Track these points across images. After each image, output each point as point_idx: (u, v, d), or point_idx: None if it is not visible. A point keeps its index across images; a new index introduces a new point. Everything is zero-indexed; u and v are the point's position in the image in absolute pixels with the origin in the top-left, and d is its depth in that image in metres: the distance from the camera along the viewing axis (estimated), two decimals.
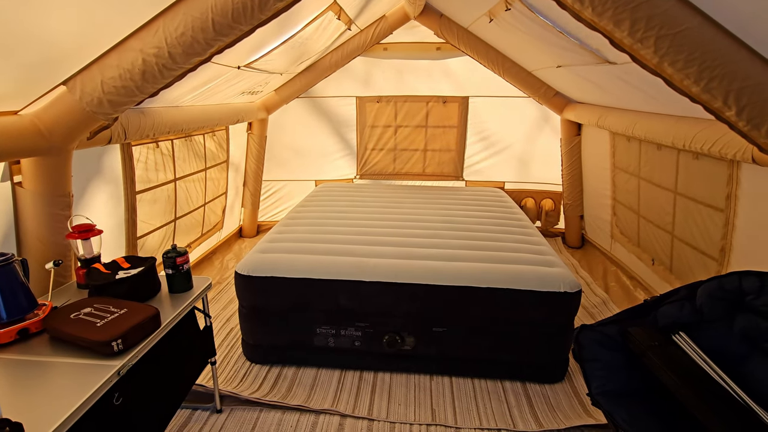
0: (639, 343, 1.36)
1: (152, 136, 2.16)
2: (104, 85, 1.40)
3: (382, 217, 2.86)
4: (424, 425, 1.77)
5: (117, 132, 1.82)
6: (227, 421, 1.80)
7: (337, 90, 4.01)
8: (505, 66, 3.45)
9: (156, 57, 1.34)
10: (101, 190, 2.10)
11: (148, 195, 2.45)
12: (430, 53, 3.83)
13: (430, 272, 1.99)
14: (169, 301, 1.60)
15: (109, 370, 1.19)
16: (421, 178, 4.22)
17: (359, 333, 2.06)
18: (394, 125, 4.10)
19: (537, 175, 4.10)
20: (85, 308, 1.39)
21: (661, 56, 1.38)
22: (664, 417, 1.26)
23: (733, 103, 1.38)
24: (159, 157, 2.53)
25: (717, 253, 2.12)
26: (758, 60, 1.34)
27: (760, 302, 1.31)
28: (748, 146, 1.63)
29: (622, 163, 3.08)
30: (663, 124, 2.27)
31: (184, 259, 1.63)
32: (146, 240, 2.47)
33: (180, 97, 2.33)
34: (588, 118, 3.19)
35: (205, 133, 3.08)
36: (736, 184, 1.97)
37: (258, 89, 3.24)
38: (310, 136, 4.15)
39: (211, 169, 3.25)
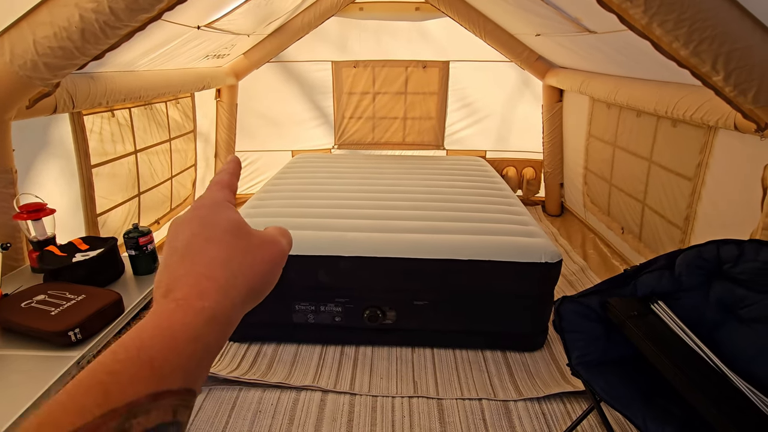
0: (618, 314, 1.36)
1: (106, 104, 1.97)
2: (37, 46, 1.23)
3: (361, 188, 2.77)
4: (406, 398, 1.78)
5: (62, 100, 1.64)
6: (205, 401, 1.76)
7: (311, 54, 3.78)
8: (486, 28, 3.31)
9: (95, 13, 1.17)
10: (51, 165, 1.92)
11: (106, 169, 2.27)
12: (408, 14, 3.62)
13: (411, 245, 1.95)
14: (134, 283, 1.50)
15: (67, 362, 1.11)
16: (401, 147, 4.11)
17: (339, 309, 2.03)
18: (372, 92, 3.93)
19: (518, 143, 4.05)
20: (38, 295, 1.28)
21: (651, 15, 1.30)
22: (641, 385, 1.28)
23: (721, 68, 1.33)
24: (116, 127, 2.34)
25: (681, 221, 2.15)
26: (749, 21, 1.28)
27: (737, 270, 1.32)
28: (731, 113, 1.60)
29: (597, 132, 3.05)
30: (646, 90, 2.23)
31: (147, 239, 1.52)
32: (108, 217, 2.31)
33: (134, 61, 2.12)
34: (570, 83, 3.12)
35: (167, 100, 2.86)
36: (709, 153, 1.97)
37: (224, 52, 3.01)
38: (284, 103, 3.95)
39: (177, 140, 3.05)
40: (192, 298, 0.26)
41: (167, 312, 0.26)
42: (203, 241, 0.29)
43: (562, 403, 1.75)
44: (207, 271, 0.28)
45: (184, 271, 0.28)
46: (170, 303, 0.26)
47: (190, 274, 0.27)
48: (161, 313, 0.26)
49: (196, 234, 0.29)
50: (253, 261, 0.30)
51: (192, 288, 0.27)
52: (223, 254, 0.29)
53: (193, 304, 0.26)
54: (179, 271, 0.28)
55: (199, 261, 0.28)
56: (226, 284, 0.28)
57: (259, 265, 0.30)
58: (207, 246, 0.29)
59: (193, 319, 0.25)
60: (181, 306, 0.26)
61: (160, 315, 0.26)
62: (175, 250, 0.29)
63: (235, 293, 0.28)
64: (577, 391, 1.77)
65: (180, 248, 0.29)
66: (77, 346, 1.15)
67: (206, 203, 0.32)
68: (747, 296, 1.31)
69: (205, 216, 0.31)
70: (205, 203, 0.32)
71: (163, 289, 0.27)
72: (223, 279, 0.28)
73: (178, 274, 0.28)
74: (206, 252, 0.28)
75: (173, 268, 0.28)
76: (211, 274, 0.28)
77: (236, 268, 0.29)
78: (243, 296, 0.28)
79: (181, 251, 0.29)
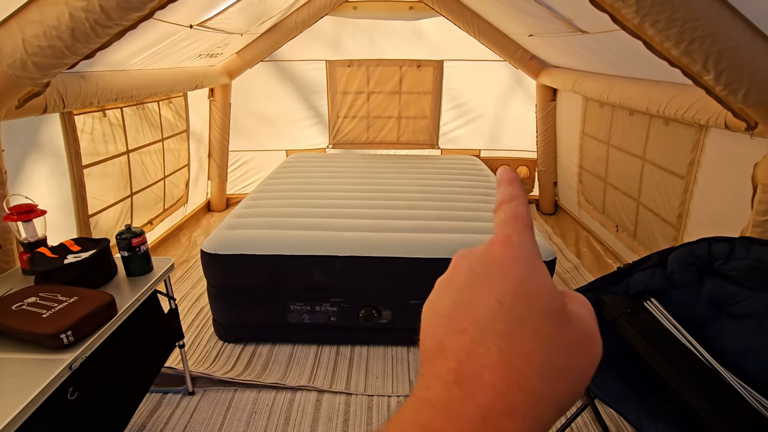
0: (611, 311, 1.37)
1: (97, 103, 1.95)
2: (27, 45, 1.21)
3: (356, 188, 2.77)
4: (402, 397, 1.78)
5: (53, 99, 1.62)
6: (200, 402, 1.75)
7: (305, 53, 3.77)
8: (480, 28, 3.32)
9: (85, 11, 1.15)
10: (41, 165, 1.90)
11: (97, 169, 2.24)
12: (402, 13, 3.62)
13: (406, 245, 1.95)
14: (127, 285, 1.49)
15: (59, 365, 1.10)
16: (395, 146, 4.11)
17: (335, 308, 2.02)
18: (366, 91, 3.92)
19: (512, 142, 4.07)
20: (30, 298, 1.27)
21: (643, 15, 1.31)
22: (635, 382, 1.29)
23: (712, 67, 1.35)
24: (107, 127, 2.31)
25: (674, 219, 2.18)
26: (739, 21, 1.30)
27: (728, 267, 1.34)
28: (722, 111, 1.62)
29: (591, 130, 3.08)
30: (638, 89, 2.24)
31: (140, 240, 1.51)
32: (100, 218, 2.29)
33: (126, 60, 2.10)
34: (563, 83, 3.14)
35: (159, 100, 2.83)
36: (701, 151, 1.99)
37: (217, 51, 2.99)
38: (278, 103, 3.93)
39: (169, 140, 3.02)
40: (498, 414, 0.19)
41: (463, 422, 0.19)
42: (518, 322, 0.20)
43: None
44: (521, 376, 0.19)
45: (488, 361, 0.20)
46: (467, 404, 0.19)
47: (499, 372, 0.19)
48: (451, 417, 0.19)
49: (505, 304, 0.21)
50: (571, 365, 0.20)
51: (500, 398, 0.19)
52: (541, 352, 0.20)
53: (500, 424, 0.19)
54: (482, 357, 0.20)
55: (513, 354, 0.20)
56: (539, 400, 0.19)
57: (577, 372, 0.21)
58: (521, 332, 0.20)
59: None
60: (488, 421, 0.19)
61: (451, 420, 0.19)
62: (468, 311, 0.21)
63: (548, 414, 0.20)
64: None
65: (481, 318, 0.21)
66: (69, 349, 1.14)
67: (517, 256, 0.23)
68: (738, 293, 1.33)
69: (521, 282, 0.22)
70: (516, 256, 0.23)
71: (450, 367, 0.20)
72: (538, 392, 0.19)
73: (480, 359, 0.20)
74: (521, 343, 0.20)
75: (468, 344, 0.20)
76: (526, 381, 0.19)
77: (554, 374, 0.20)
78: (552, 417, 0.20)
79: (483, 323, 0.21)
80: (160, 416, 1.69)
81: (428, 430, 0.19)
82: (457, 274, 0.24)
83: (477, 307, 0.21)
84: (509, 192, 0.27)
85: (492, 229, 0.26)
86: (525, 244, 0.24)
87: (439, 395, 0.20)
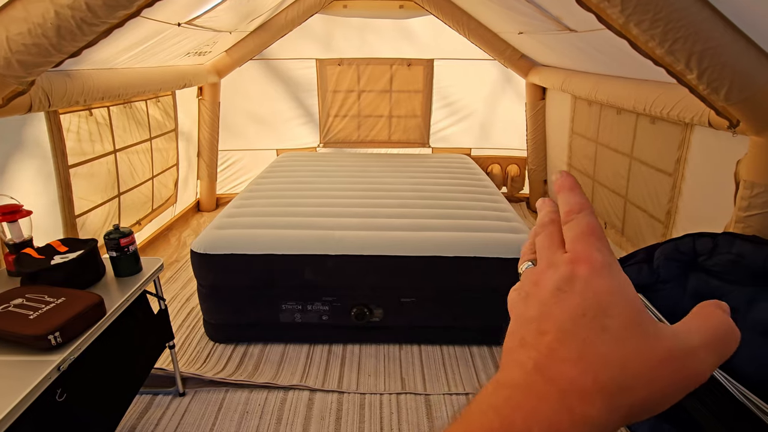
0: None
1: (83, 102, 1.92)
2: (11, 42, 1.19)
3: (347, 187, 2.77)
4: (394, 394, 1.79)
5: (38, 98, 1.59)
6: (191, 403, 1.74)
7: (295, 52, 3.75)
8: (470, 26, 3.33)
9: (71, 9, 1.14)
10: (26, 165, 1.86)
11: (84, 169, 2.21)
12: (392, 11, 3.62)
13: (397, 243, 1.96)
14: (116, 286, 1.47)
15: (47, 366, 1.09)
16: (386, 145, 4.11)
17: (326, 307, 2.02)
18: (357, 90, 3.92)
19: (502, 140, 4.10)
20: (16, 299, 1.25)
21: (628, 16, 1.33)
22: None
23: (695, 66, 1.38)
24: (94, 126, 2.28)
25: (663, 216, 2.22)
26: (720, 21, 1.33)
27: (711, 262, 1.37)
28: (705, 110, 1.65)
29: (580, 129, 3.11)
30: (625, 88, 2.28)
31: (129, 240, 1.49)
32: (87, 218, 2.26)
33: (113, 58, 2.07)
34: (552, 81, 3.17)
35: (147, 99, 2.80)
36: (687, 149, 2.03)
37: (206, 49, 2.96)
38: (268, 102, 3.91)
39: (157, 139, 2.99)
40: (574, 396, 0.21)
41: (543, 399, 0.21)
42: (599, 330, 0.22)
43: None
44: (597, 373, 0.21)
45: (567, 356, 0.22)
46: (546, 386, 0.21)
47: (577, 366, 0.22)
48: (532, 394, 0.21)
49: (588, 315, 0.23)
50: (652, 376, 0.22)
51: (576, 383, 0.21)
52: (617, 357, 0.22)
53: (576, 405, 0.21)
54: (561, 353, 0.22)
55: (591, 354, 0.22)
56: (613, 397, 0.21)
57: (654, 384, 0.22)
58: (601, 338, 0.22)
59: (571, 428, 0.20)
60: (565, 399, 0.21)
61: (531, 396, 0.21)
62: (553, 318, 0.23)
63: (617, 414, 0.21)
64: None
65: (565, 324, 0.23)
66: (57, 350, 1.13)
67: (602, 273, 0.24)
68: (721, 287, 1.36)
69: (607, 296, 0.23)
70: (601, 272, 0.24)
71: (531, 356, 0.23)
72: (612, 391, 0.21)
73: (560, 355, 0.22)
74: (600, 346, 0.22)
75: (550, 342, 0.23)
76: (602, 378, 0.21)
77: (630, 381, 0.21)
78: (622, 420, 0.22)
79: (566, 328, 0.23)
80: (151, 418, 1.68)
81: (510, 403, 0.21)
82: (543, 291, 0.25)
83: (561, 316, 0.23)
84: (576, 201, 0.27)
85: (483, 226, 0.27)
86: (609, 260, 0.25)
87: (518, 378, 0.22)
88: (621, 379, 0.21)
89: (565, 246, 0.27)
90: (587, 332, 0.22)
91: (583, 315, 0.23)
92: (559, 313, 0.23)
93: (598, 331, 0.22)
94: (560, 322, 0.23)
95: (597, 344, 0.22)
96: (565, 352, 0.22)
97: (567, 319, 0.23)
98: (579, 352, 0.22)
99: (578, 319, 0.23)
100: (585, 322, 0.22)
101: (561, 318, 0.23)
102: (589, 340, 0.22)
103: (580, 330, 0.22)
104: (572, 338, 0.22)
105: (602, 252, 0.25)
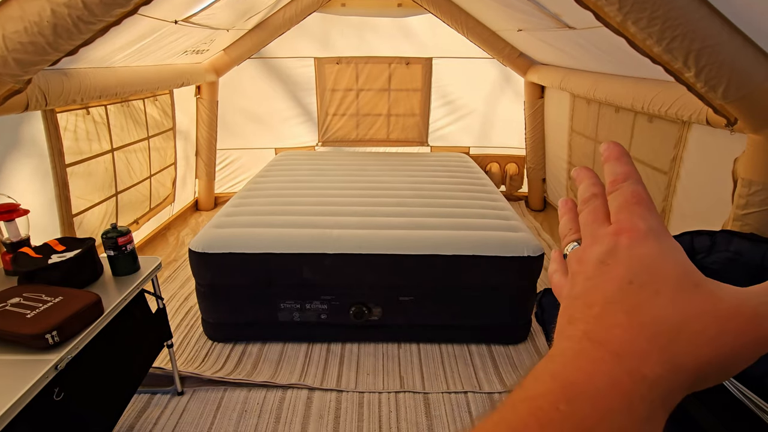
0: None
1: (80, 101, 1.91)
2: (7, 41, 1.18)
3: (345, 185, 2.77)
4: (392, 393, 1.79)
5: (34, 97, 1.59)
6: (189, 402, 1.74)
7: (293, 50, 3.75)
8: (468, 25, 3.33)
9: (67, 7, 1.13)
10: (23, 164, 1.86)
11: (81, 168, 2.21)
12: (391, 10, 3.62)
13: (395, 242, 1.95)
14: (114, 285, 1.47)
15: (44, 365, 1.09)
16: (385, 144, 4.11)
17: (325, 306, 2.02)
18: (355, 88, 3.91)
19: (501, 139, 4.10)
20: (13, 298, 1.24)
21: (625, 14, 1.33)
22: None
23: (692, 64, 1.38)
24: (91, 125, 2.27)
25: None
26: (717, 19, 1.33)
27: (709, 260, 1.37)
28: (703, 108, 1.65)
29: (579, 127, 3.12)
30: (623, 86, 2.28)
31: (126, 239, 1.49)
32: (84, 217, 2.25)
33: (109, 57, 2.06)
34: (551, 80, 3.17)
35: (144, 97, 2.79)
36: (683, 147, 2.04)
37: (203, 48, 2.95)
38: (267, 100, 3.90)
39: (155, 138, 2.98)
40: (630, 357, 0.20)
41: (599, 362, 0.21)
42: (651, 294, 0.22)
43: None
44: (651, 333, 0.21)
45: (617, 322, 0.22)
46: (598, 350, 0.21)
47: (629, 330, 0.21)
48: (585, 358, 0.21)
49: (635, 282, 0.22)
50: (717, 332, 0.21)
51: (631, 344, 0.21)
52: (674, 317, 0.21)
53: (633, 364, 0.20)
54: (610, 320, 0.22)
55: (642, 316, 0.21)
56: (673, 357, 0.21)
57: (720, 340, 0.21)
58: (653, 301, 0.22)
59: (632, 386, 0.20)
60: (620, 360, 0.20)
61: (586, 360, 0.21)
62: (599, 291, 0.23)
63: (683, 374, 0.21)
64: None
65: (611, 294, 0.23)
66: (55, 349, 1.12)
67: (648, 239, 0.24)
68: None
69: (653, 260, 0.23)
70: (646, 239, 0.24)
71: (580, 329, 0.22)
72: (670, 350, 0.21)
73: (609, 321, 0.22)
74: (652, 309, 0.22)
75: (597, 313, 0.22)
76: (656, 338, 0.21)
77: (692, 339, 0.21)
78: (690, 380, 0.21)
79: (612, 298, 0.22)
80: (149, 417, 1.67)
81: (567, 368, 0.21)
82: (587, 267, 0.25)
83: (607, 287, 0.23)
84: (622, 170, 0.26)
85: (481, 225, 0.27)
86: (653, 226, 0.24)
87: (567, 348, 0.22)
88: (681, 339, 0.21)
89: (610, 218, 0.26)
90: (636, 298, 0.22)
91: (630, 282, 0.22)
92: (604, 285, 0.23)
93: (651, 295, 0.22)
94: (607, 294, 0.23)
95: (649, 308, 0.22)
96: (613, 319, 0.22)
97: (614, 289, 0.23)
98: (629, 316, 0.21)
99: (625, 287, 0.22)
100: (633, 289, 0.22)
101: (608, 289, 0.23)
102: (639, 305, 0.22)
103: (629, 297, 0.22)
104: (620, 305, 0.22)
105: (647, 220, 0.24)
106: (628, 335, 0.21)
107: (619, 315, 0.22)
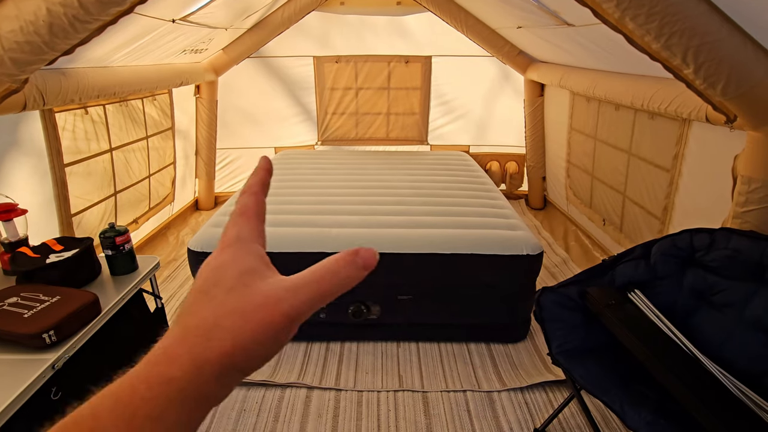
0: (596, 303, 1.39)
1: (79, 100, 1.91)
2: (3, 40, 1.18)
3: (345, 184, 2.76)
4: (391, 392, 1.79)
5: (32, 96, 1.58)
6: None
7: (292, 49, 3.74)
8: (468, 23, 3.32)
9: (63, 6, 1.13)
10: (21, 164, 1.86)
11: (80, 167, 2.21)
12: (390, 8, 3.61)
13: (394, 240, 1.95)
14: (112, 284, 1.47)
15: (42, 365, 1.09)
16: (384, 143, 4.10)
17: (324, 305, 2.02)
18: (354, 87, 3.91)
19: (501, 138, 4.09)
20: (10, 298, 1.25)
21: (623, 10, 1.32)
22: (620, 372, 1.31)
23: (691, 61, 1.37)
24: (89, 124, 2.27)
25: (660, 212, 2.21)
26: (716, 15, 1.32)
27: (708, 258, 1.37)
28: (702, 105, 1.64)
29: (579, 125, 3.11)
30: (623, 84, 2.27)
31: (124, 239, 1.49)
32: (83, 217, 2.25)
33: (108, 56, 2.06)
34: (551, 78, 3.16)
35: (143, 97, 2.79)
36: (684, 144, 2.03)
37: (202, 47, 2.95)
38: (266, 100, 3.90)
39: (154, 138, 2.98)
40: (160, 364, 0.22)
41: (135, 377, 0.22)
42: (204, 299, 0.24)
43: (545, 392, 1.79)
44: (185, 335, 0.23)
45: (172, 333, 0.24)
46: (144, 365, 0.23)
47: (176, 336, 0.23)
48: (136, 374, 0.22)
49: (202, 291, 0.25)
50: (243, 326, 0.23)
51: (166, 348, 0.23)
52: (210, 318, 0.23)
53: (161, 370, 0.22)
54: (170, 332, 0.24)
55: (189, 321, 0.24)
56: (202, 353, 0.22)
57: (241, 330, 0.23)
58: (206, 305, 0.24)
59: (158, 392, 0.21)
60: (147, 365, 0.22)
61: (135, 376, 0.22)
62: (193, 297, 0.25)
63: (208, 367, 0.22)
64: (559, 380, 1.81)
65: (186, 306, 0.25)
66: (52, 349, 1.12)
67: (226, 243, 0.27)
68: (718, 282, 1.36)
69: (220, 267, 0.26)
70: (224, 244, 0.27)
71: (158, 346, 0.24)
72: (203, 347, 0.22)
73: (169, 334, 0.24)
74: (198, 313, 0.24)
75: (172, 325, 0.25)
76: (188, 339, 0.23)
77: (219, 335, 0.23)
78: (217, 370, 0.23)
79: (185, 309, 0.25)
80: None
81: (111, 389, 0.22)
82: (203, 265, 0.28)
83: (188, 299, 0.25)
84: (248, 183, 0.30)
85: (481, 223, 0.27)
86: (242, 235, 0.28)
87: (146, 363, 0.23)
88: (213, 336, 0.23)
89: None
90: (197, 306, 0.24)
91: (199, 292, 0.25)
92: (197, 283, 0.26)
93: (206, 301, 0.24)
94: (184, 306, 0.25)
95: (198, 312, 0.24)
96: (171, 331, 0.24)
97: (190, 301, 0.25)
98: (180, 326, 0.24)
99: (198, 296, 0.25)
100: (200, 298, 0.25)
101: (186, 301, 0.25)
102: (195, 312, 0.24)
103: (194, 306, 0.24)
104: (183, 316, 0.24)
105: (238, 227, 0.28)
106: (169, 342, 0.23)
107: (175, 327, 0.24)
